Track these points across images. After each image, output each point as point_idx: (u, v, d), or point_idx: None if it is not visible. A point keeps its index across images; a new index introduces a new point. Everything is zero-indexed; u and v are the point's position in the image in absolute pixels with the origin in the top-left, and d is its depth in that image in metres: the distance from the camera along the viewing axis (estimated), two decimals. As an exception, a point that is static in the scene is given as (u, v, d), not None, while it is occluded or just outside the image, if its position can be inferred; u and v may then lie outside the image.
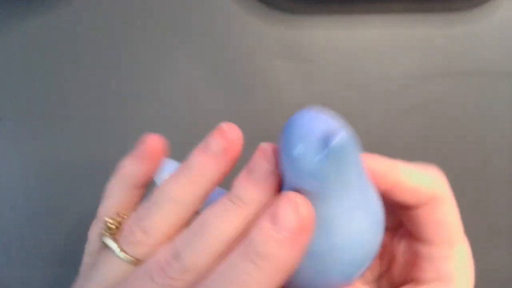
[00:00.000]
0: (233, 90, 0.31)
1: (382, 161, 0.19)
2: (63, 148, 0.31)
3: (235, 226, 0.17)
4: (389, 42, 0.32)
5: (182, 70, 0.31)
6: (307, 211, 0.16)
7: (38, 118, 0.31)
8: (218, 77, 0.31)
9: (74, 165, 0.31)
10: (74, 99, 0.31)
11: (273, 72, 0.31)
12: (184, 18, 0.31)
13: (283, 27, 0.31)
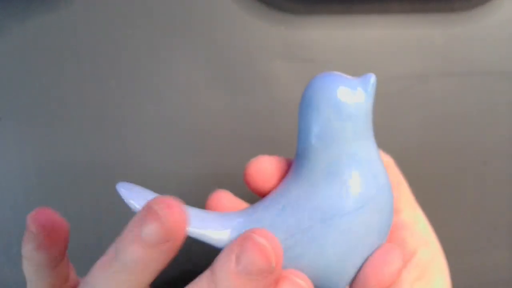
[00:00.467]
0: (233, 90, 0.31)
1: None
2: (63, 148, 0.31)
3: None
4: (389, 42, 0.32)
5: (182, 70, 0.31)
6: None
7: (38, 118, 0.31)
8: (218, 77, 0.31)
9: (74, 165, 0.31)
10: (74, 99, 0.31)
11: (273, 72, 0.31)
12: (184, 18, 0.31)
13: (283, 27, 0.31)
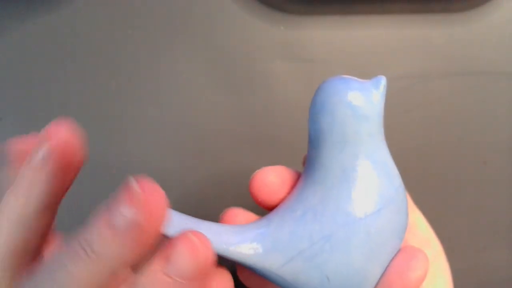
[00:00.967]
0: (233, 90, 0.31)
1: None
2: (63, 148, 0.31)
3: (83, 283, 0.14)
4: (389, 42, 0.32)
5: (182, 70, 0.31)
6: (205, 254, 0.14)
7: (38, 118, 0.31)
8: (217, 77, 0.31)
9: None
10: (74, 99, 0.31)
11: (273, 72, 0.31)
12: (184, 18, 0.31)
13: (283, 27, 0.31)
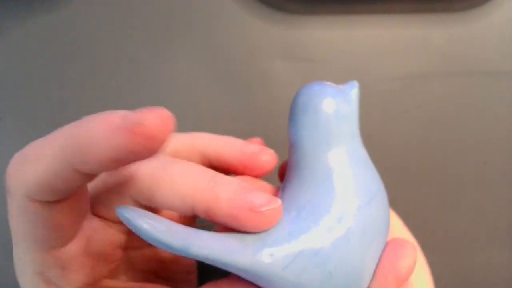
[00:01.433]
0: (233, 90, 0.31)
1: None
2: (63, 148, 0.31)
3: None
4: (389, 42, 0.32)
5: (182, 70, 0.31)
6: None
7: (38, 118, 0.31)
8: (218, 77, 0.31)
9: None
10: (74, 99, 0.31)
11: (273, 72, 0.31)
12: (184, 18, 0.31)
13: (283, 27, 0.31)
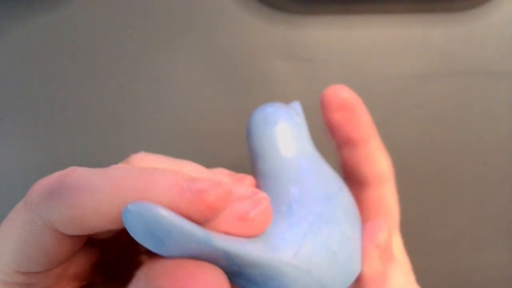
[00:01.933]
0: (233, 90, 0.31)
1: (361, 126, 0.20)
2: (63, 148, 0.31)
3: None
4: (389, 42, 0.32)
5: (182, 70, 0.31)
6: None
7: (38, 118, 0.31)
8: (217, 77, 0.31)
9: (74, 165, 0.31)
10: (74, 99, 0.31)
11: (273, 72, 0.31)
12: (184, 18, 0.31)
13: (283, 27, 0.31)
